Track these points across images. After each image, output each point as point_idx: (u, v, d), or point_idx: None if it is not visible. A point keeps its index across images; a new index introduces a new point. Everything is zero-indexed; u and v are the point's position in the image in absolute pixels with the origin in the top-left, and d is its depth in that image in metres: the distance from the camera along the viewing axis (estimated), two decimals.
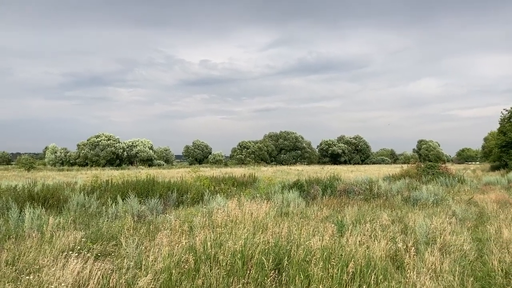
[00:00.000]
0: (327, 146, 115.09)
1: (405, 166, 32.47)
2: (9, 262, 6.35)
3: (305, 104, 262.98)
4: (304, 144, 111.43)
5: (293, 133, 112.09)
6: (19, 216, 9.68)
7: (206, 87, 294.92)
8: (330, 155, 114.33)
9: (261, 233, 7.68)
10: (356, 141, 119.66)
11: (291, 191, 15.60)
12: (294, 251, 6.28)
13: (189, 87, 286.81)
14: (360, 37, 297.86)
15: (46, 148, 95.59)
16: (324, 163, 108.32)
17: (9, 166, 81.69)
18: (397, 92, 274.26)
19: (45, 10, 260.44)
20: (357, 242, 7.01)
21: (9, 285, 5.20)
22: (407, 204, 14.21)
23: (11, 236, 8.08)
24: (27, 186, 15.60)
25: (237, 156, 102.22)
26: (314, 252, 6.13)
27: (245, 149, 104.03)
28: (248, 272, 5.70)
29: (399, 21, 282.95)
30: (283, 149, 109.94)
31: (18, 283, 5.29)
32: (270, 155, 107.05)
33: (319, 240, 6.83)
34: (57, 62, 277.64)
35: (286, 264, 5.94)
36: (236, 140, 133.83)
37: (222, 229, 8.10)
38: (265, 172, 42.74)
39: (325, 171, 42.59)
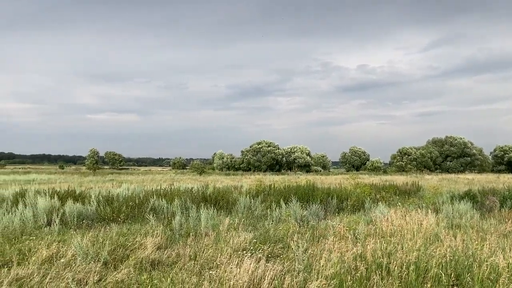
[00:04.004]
0: (502, 153, 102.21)
1: None
2: (191, 257, 7.07)
3: (474, 107, 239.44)
4: (474, 151, 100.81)
5: (461, 138, 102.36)
6: (196, 215, 10.74)
7: (363, 92, 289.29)
8: (506, 163, 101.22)
9: (435, 245, 7.13)
10: None
11: (461, 201, 14.24)
12: (476, 267, 5.66)
13: (346, 93, 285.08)
14: None
15: (215, 154, 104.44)
16: (499, 171, 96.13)
17: (184, 170, 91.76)
18: None
19: (206, 30, 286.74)
20: None
21: (194, 277, 5.78)
22: None
23: (190, 234, 8.98)
24: (201, 188, 17.30)
25: (397, 163, 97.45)
26: (501, 271, 5.44)
27: (406, 156, 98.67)
28: (424, 285, 5.32)
29: None
30: (449, 156, 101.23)
31: (201, 277, 5.84)
32: (434, 163, 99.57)
33: (504, 258, 6.06)
34: (222, 76, 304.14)
35: (468, 281, 5.39)
36: (395, 146, 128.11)
37: (391, 238, 7.76)
38: (429, 180, 39.87)
39: (501, 180, 37.90)
